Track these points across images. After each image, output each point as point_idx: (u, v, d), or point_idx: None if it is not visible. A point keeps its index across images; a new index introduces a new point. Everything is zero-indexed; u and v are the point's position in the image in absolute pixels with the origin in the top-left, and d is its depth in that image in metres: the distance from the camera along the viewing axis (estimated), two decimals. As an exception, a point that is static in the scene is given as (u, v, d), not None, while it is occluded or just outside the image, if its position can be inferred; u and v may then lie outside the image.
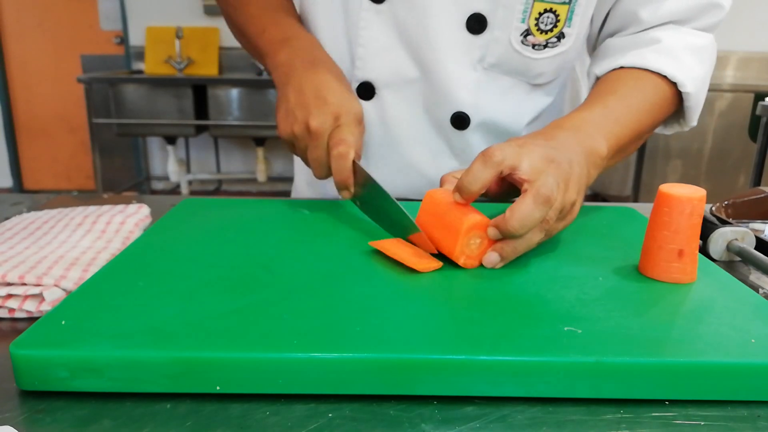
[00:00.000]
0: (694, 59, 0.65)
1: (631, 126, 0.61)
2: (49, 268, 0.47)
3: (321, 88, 0.61)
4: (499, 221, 0.46)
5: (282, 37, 0.67)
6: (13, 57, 3.79)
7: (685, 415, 0.34)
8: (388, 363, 0.34)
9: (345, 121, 0.60)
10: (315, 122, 0.59)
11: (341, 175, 0.58)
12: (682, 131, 0.72)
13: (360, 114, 0.62)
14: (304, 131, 0.60)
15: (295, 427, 0.32)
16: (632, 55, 0.65)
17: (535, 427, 0.33)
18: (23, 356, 0.33)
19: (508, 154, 0.47)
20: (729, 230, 0.57)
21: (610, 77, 0.66)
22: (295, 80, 0.63)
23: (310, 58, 0.65)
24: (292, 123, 0.61)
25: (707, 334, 0.37)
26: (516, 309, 0.40)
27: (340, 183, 0.59)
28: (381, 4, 0.66)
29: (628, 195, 3.22)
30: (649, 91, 0.64)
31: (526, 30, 0.65)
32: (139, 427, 0.32)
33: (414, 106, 0.71)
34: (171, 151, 3.62)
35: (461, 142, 0.72)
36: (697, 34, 0.67)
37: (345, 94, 0.61)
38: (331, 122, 0.59)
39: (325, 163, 0.61)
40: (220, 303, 0.40)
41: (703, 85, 0.67)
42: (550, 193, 0.46)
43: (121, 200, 0.71)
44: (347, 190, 0.59)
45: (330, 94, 0.61)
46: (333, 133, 0.59)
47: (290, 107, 0.62)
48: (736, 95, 3.01)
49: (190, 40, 3.54)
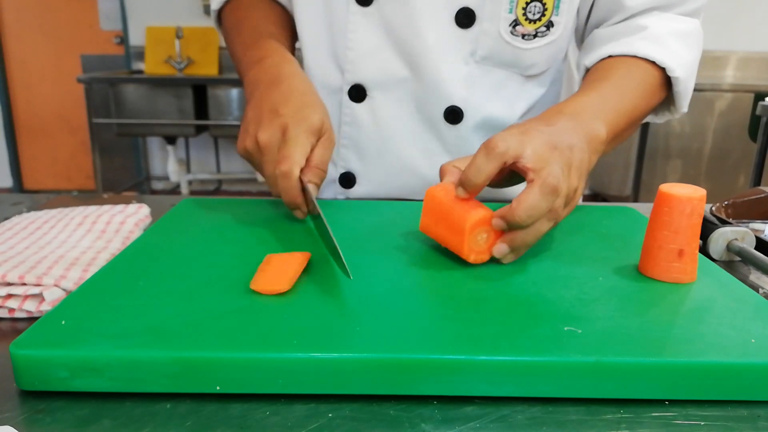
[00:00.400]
0: (681, 45, 0.66)
1: (627, 112, 0.62)
2: (49, 268, 0.47)
3: (276, 102, 0.58)
4: (505, 212, 0.46)
5: (257, 58, 0.66)
6: (13, 57, 3.79)
7: (685, 415, 0.34)
8: (388, 363, 0.34)
9: (292, 134, 0.56)
10: (263, 136, 0.56)
11: (287, 195, 0.55)
12: (673, 118, 0.72)
13: (316, 125, 0.58)
14: (255, 146, 0.58)
15: (295, 427, 0.32)
16: (620, 43, 0.66)
17: (535, 427, 0.33)
18: (23, 356, 0.33)
19: (512, 143, 0.46)
20: (729, 230, 0.57)
21: (601, 66, 0.67)
22: (256, 97, 0.61)
23: (275, 75, 0.62)
24: (245, 138, 0.59)
25: (707, 334, 0.37)
26: (516, 309, 0.40)
27: (288, 203, 0.56)
28: (368, 6, 0.67)
29: (628, 195, 3.22)
30: (640, 78, 0.65)
31: (514, 20, 0.66)
32: (139, 427, 0.32)
33: (405, 106, 0.71)
34: (171, 151, 3.62)
35: (455, 137, 0.72)
36: (682, 20, 0.68)
37: (301, 106, 0.58)
38: (279, 135, 0.56)
39: (276, 181, 0.57)
40: (220, 303, 0.40)
41: (692, 71, 0.67)
42: (557, 183, 0.45)
43: (121, 200, 0.71)
44: (299, 210, 0.57)
45: (283, 107, 0.58)
46: (279, 149, 0.56)
47: (246, 123, 0.60)
48: (736, 95, 3.00)
49: (190, 40, 3.54)
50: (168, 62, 3.54)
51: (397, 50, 0.69)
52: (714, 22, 3.49)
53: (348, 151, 0.75)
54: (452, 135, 0.72)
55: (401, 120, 0.72)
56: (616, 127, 0.60)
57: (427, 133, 0.72)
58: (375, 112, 0.72)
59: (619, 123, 0.60)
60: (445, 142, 0.72)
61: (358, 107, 0.72)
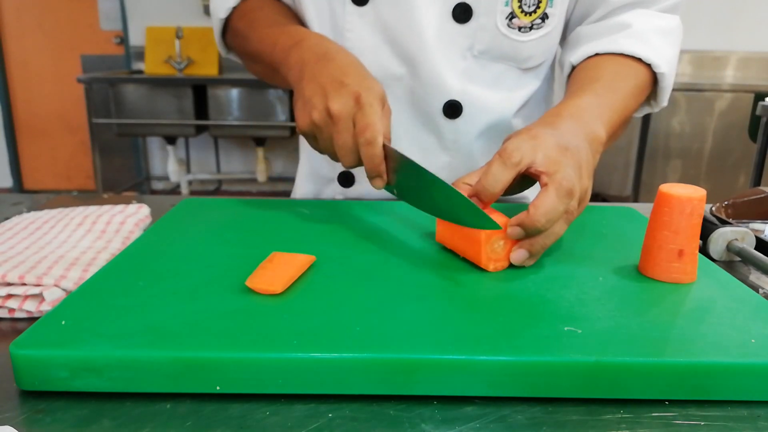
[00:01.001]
0: (664, 41, 0.68)
1: (621, 111, 0.63)
2: (49, 268, 0.47)
3: (336, 74, 0.58)
4: (523, 219, 0.46)
5: (292, 43, 0.65)
6: (13, 57, 3.79)
7: (685, 415, 0.34)
8: (388, 363, 0.34)
9: (367, 102, 0.55)
10: (335, 105, 0.55)
11: (372, 163, 0.54)
12: (652, 111, 0.74)
13: (382, 94, 0.57)
14: (325, 117, 0.56)
15: (295, 427, 0.32)
16: (606, 41, 0.67)
17: (535, 427, 0.33)
18: (23, 356, 0.33)
19: (526, 151, 0.47)
20: (729, 230, 0.57)
21: (589, 65, 0.68)
22: (308, 73, 0.60)
23: (321, 52, 0.62)
24: (311, 112, 0.57)
25: (707, 334, 0.37)
26: (516, 309, 0.40)
27: (372, 171, 0.55)
28: (364, 6, 0.68)
29: (628, 195, 3.22)
30: (630, 76, 0.66)
31: (510, 13, 0.67)
32: (139, 427, 0.32)
33: (402, 103, 0.72)
34: (171, 151, 3.62)
35: (453, 132, 0.72)
36: (663, 17, 0.69)
37: (362, 76, 0.58)
38: (352, 104, 0.55)
39: (352, 150, 0.56)
40: (220, 303, 0.40)
41: (674, 66, 0.69)
42: (571, 185, 0.46)
43: (121, 200, 0.71)
44: (380, 178, 0.56)
45: (346, 77, 0.57)
46: (357, 118, 0.55)
47: (307, 98, 0.58)
48: (736, 95, 3.00)
49: (190, 40, 3.54)
50: (168, 62, 3.54)
51: (394, 48, 0.69)
52: (714, 22, 3.49)
53: None
54: (450, 130, 0.72)
55: (398, 118, 0.72)
56: (613, 127, 0.61)
57: (424, 129, 0.73)
58: None
59: (615, 122, 0.62)
60: (443, 139, 0.73)
61: None
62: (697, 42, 3.54)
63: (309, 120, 0.58)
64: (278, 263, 0.45)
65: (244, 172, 3.86)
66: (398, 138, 0.73)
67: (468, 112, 0.71)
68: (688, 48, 3.55)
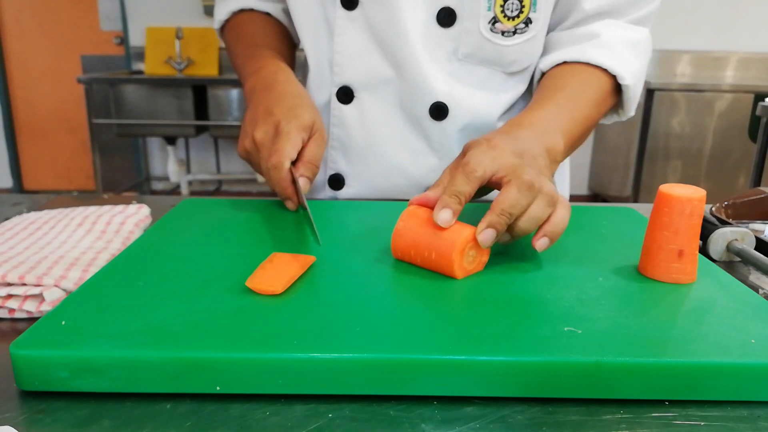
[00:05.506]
0: (632, 53, 0.69)
1: (582, 121, 0.64)
2: (49, 269, 0.47)
3: (269, 104, 0.63)
4: (490, 218, 0.45)
5: (254, 69, 0.71)
6: (13, 57, 3.79)
7: (685, 415, 0.34)
8: (388, 363, 0.34)
9: (284, 130, 0.60)
10: (258, 134, 0.61)
11: (278, 186, 0.60)
12: (620, 120, 0.75)
13: (307, 122, 0.62)
14: (252, 145, 0.62)
15: (295, 427, 0.32)
16: (574, 50, 0.69)
17: (535, 427, 0.33)
18: (23, 356, 0.33)
19: (487, 164, 0.48)
20: (729, 231, 0.57)
21: (555, 73, 0.69)
22: (254, 102, 0.65)
23: (270, 82, 0.67)
24: (244, 139, 0.64)
25: (707, 334, 0.37)
26: (516, 309, 0.40)
27: (280, 194, 0.61)
28: (353, 10, 0.69)
29: (628, 195, 3.23)
30: (593, 86, 0.67)
31: (493, 17, 0.68)
32: (139, 427, 0.32)
33: (391, 105, 0.73)
34: (171, 152, 3.62)
35: (440, 134, 0.73)
36: (633, 29, 0.71)
37: (292, 105, 0.62)
38: (272, 132, 0.61)
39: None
40: (220, 303, 0.40)
41: (640, 78, 0.71)
42: (531, 179, 0.46)
43: (121, 200, 0.71)
44: (290, 200, 0.61)
45: (276, 107, 0.62)
46: (270, 144, 0.60)
47: (244, 126, 0.65)
48: (736, 95, 3.00)
49: (190, 41, 3.54)
50: (168, 63, 3.54)
51: (382, 51, 0.71)
52: (714, 22, 3.49)
53: (336, 153, 0.77)
54: (437, 132, 0.73)
55: (387, 120, 0.74)
56: (572, 137, 0.63)
57: (412, 132, 0.74)
58: (362, 113, 0.74)
59: (575, 132, 0.63)
60: (431, 141, 0.74)
61: (346, 109, 0.74)
62: (697, 42, 3.54)
63: (242, 147, 0.64)
64: (278, 263, 0.45)
65: (244, 173, 3.86)
66: (388, 140, 0.74)
67: (454, 114, 0.72)
68: (688, 48, 3.56)
